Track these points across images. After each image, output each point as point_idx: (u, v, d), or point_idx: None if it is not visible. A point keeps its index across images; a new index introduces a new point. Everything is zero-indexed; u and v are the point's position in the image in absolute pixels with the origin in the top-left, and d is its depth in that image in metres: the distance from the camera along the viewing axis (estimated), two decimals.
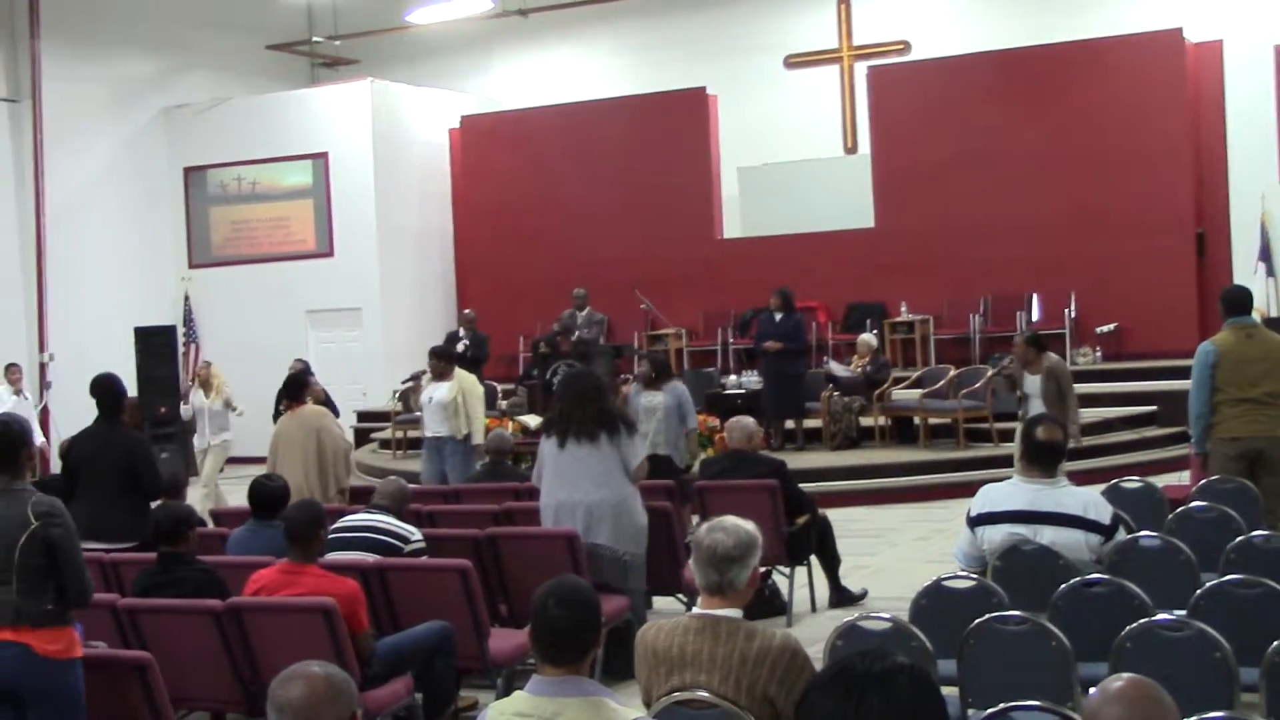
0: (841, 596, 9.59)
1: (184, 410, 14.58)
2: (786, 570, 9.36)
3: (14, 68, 19.48)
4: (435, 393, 12.12)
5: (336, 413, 12.19)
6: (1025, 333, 11.86)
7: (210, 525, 9.43)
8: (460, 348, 16.31)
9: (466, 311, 18.49)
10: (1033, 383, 11.06)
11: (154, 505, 8.34)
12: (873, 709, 2.49)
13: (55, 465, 15.94)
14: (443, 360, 12.40)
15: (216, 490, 14.22)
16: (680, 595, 8.65)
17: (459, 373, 12.41)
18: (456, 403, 11.99)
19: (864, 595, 9.62)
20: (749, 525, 4.45)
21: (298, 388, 10.61)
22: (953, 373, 15.37)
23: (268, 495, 7.75)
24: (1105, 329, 17.47)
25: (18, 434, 5.65)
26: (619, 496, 7.90)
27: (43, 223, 19.40)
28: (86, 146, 20.32)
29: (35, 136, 19.39)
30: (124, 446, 8.58)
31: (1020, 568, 5.84)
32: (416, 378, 13.11)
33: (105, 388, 8.72)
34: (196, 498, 14.55)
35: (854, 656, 2.63)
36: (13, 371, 16.71)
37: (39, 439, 16.16)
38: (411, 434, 16.60)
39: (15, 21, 19.44)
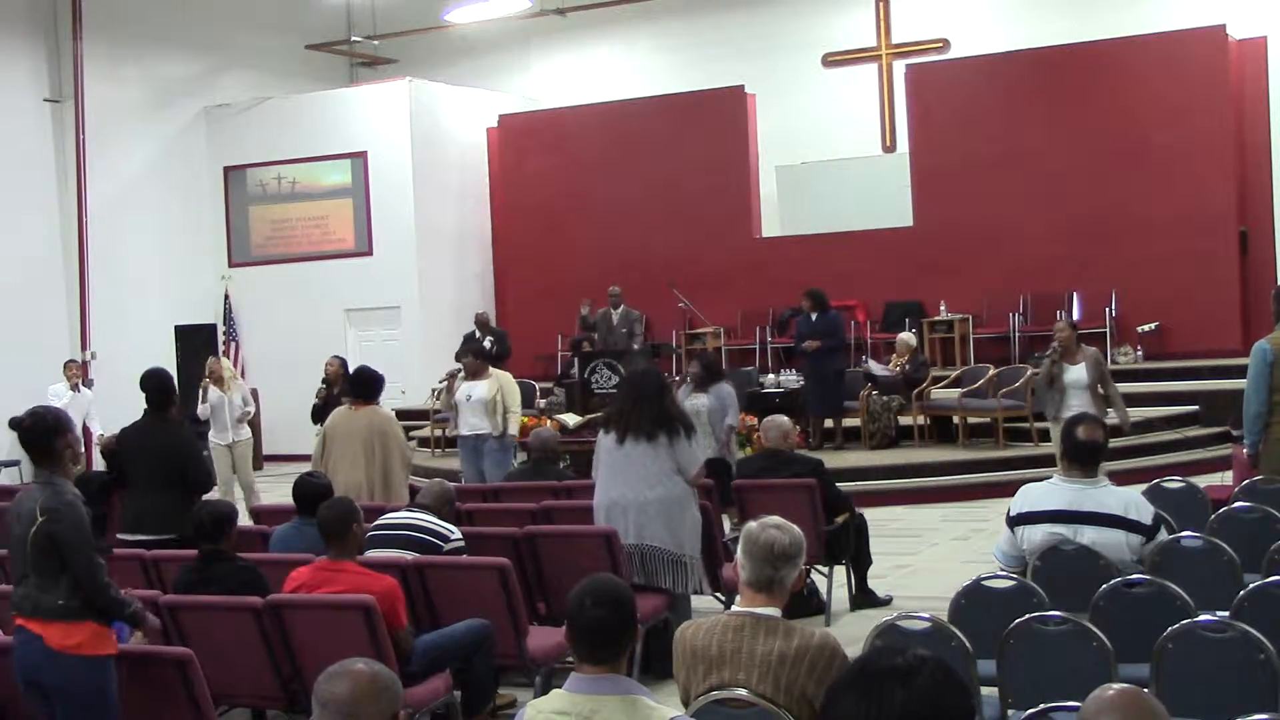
0: (866, 598, 9.54)
1: (200, 410, 14.24)
2: (825, 569, 9.34)
3: (56, 69, 19.61)
4: (474, 390, 12.09)
5: None
6: (1066, 319, 11.90)
7: (252, 523, 9.46)
8: (486, 344, 16.27)
9: (480, 313, 18.29)
10: (1075, 375, 11.03)
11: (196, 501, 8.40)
12: (895, 702, 2.47)
13: (95, 460, 16.09)
14: (479, 358, 12.41)
15: (253, 491, 14.01)
16: (719, 594, 8.64)
17: (495, 370, 12.43)
18: (496, 400, 11.98)
19: (889, 601, 9.53)
20: (795, 526, 4.45)
21: (368, 386, 10.10)
22: (992, 372, 15.28)
23: (312, 492, 7.76)
24: (1146, 328, 17.34)
25: (50, 425, 5.65)
26: (673, 496, 7.79)
27: (85, 222, 19.52)
28: (128, 146, 20.45)
29: (77, 137, 19.52)
30: (172, 441, 8.65)
31: (1060, 568, 5.80)
32: (452, 376, 13.00)
33: (155, 382, 8.81)
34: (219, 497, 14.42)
35: (875, 652, 2.62)
36: (70, 367, 16.95)
37: (96, 428, 16.26)
38: (450, 432, 16.59)
39: (57, 23, 19.57)
